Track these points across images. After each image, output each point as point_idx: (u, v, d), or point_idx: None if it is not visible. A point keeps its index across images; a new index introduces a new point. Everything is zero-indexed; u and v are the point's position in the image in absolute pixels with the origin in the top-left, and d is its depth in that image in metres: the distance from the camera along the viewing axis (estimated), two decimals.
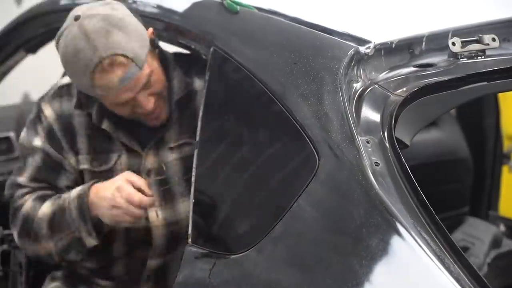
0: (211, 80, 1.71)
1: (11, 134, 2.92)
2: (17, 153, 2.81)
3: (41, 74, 3.88)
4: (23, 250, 2.04)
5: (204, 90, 1.71)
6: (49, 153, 1.98)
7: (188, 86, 1.98)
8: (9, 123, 3.03)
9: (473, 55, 1.56)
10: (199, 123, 1.69)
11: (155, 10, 2.02)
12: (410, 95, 1.47)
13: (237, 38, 1.72)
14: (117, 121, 1.96)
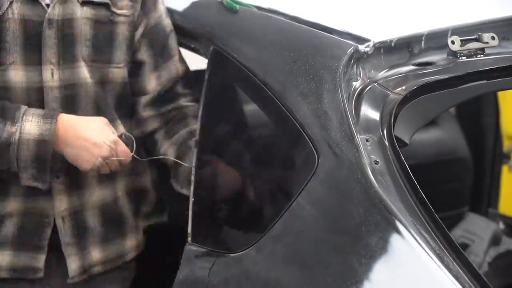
0: (210, 79, 1.71)
1: None
2: None
3: None
4: None
5: (203, 89, 1.71)
6: None
7: None
8: None
9: (472, 54, 1.56)
10: (198, 122, 1.69)
11: None
12: (409, 93, 1.47)
13: (237, 37, 1.72)
14: None
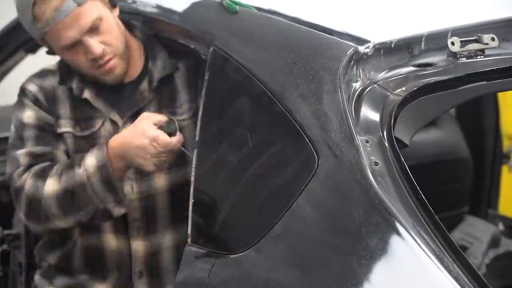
0: (210, 79, 1.71)
1: None
2: None
3: None
4: (34, 229, 2.01)
5: (203, 89, 1.71)
6: (42, 118, 1.99)
7: (172, 66, 2.02)
8: (9, 123, 3.02)
9: (472, 55, 1.56)
10: (198, 122, 1.69)
11: (154, 10, 2.02)
12: (409, 94, 1.47)
13: (237, 38, 1.72)
14: (98, 92, 1.99)
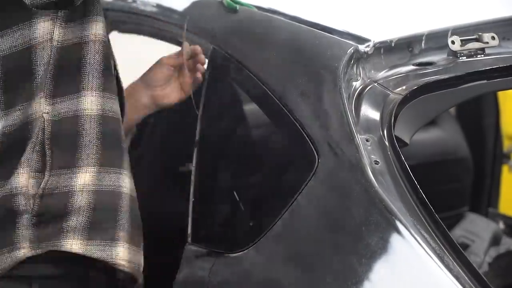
0: (210, 79, 1.70)
1: None
2: None
3: None
4: None
5: (203, 89, 1.71)
6: None
7: None
8: None
9: (472, 54, 1.56)
10: (198, 122, 1.69)
11: (154, 9, 2.02)
12: (409, 93, 1.47)
13: (237, 37, 1.72)
14: None
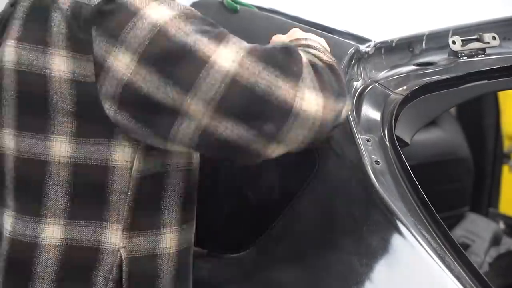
0: None
1: None
2: None
3: None
4: None
5: None
6: None
7: None
8: None
9: (473, 54, 1.56)
10: None
11: None
12: (410, 93, 1.47)
13: (237, 37, 1.72)
14: None
